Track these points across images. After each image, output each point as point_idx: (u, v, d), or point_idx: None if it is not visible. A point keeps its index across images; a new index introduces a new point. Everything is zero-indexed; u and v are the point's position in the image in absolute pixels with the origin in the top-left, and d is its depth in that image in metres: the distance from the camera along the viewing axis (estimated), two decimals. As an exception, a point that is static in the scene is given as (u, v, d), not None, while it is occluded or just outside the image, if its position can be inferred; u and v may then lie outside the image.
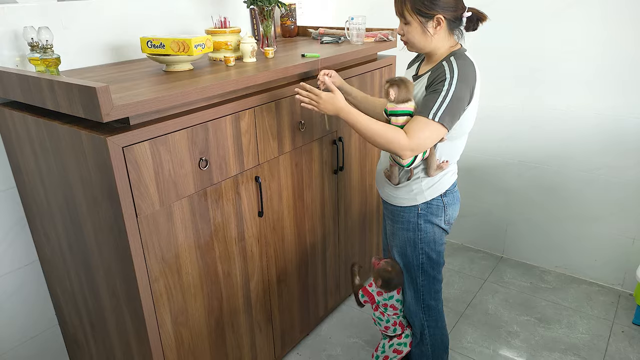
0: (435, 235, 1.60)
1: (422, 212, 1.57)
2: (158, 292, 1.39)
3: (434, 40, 1.42)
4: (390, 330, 1.79)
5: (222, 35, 1.74)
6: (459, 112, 1.38)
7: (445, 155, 1.52)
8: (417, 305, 1.71)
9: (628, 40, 2.09)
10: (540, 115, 2.41)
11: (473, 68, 1.40)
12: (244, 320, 1.74)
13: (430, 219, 1.57)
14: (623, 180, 2.29)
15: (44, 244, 1.66)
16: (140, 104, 1.20)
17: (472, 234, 2.87)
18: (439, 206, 1.56)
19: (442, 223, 1.59)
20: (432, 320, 1.73)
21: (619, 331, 2.19)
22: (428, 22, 1.38)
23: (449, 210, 1.59)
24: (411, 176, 1.53)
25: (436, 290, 1.70)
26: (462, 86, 1.36)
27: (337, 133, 1.98)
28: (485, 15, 1.43)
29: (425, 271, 1.65)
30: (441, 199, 1.56)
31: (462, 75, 1.36)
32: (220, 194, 1.51)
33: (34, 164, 1.47)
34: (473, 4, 1.45)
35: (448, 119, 1.36)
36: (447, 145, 1.50)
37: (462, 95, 1.36)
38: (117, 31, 1.79)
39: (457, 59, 1.39)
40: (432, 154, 1.49)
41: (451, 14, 1.38)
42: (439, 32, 1.40)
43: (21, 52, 1.54)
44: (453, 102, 1.35)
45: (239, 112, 1.50)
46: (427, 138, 1.38)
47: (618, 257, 2.41)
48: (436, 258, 1.64)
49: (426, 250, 1.61)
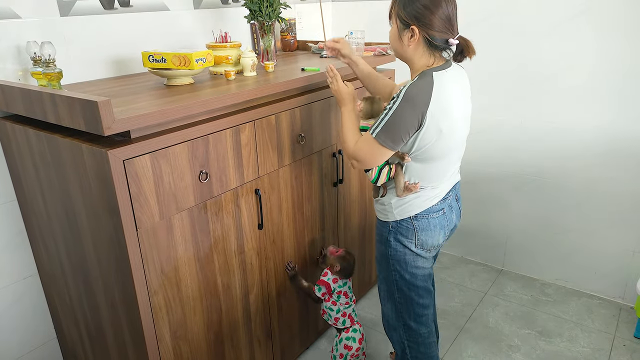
0: (406, 256, 1.55)
1: (392, 230, 1.54)
2: (157, 306, 1.38)
3: (408, 51, 1.40)
4: (340, 321, 1.90)
5: (223, 50, 1.76)
6: (399, 133, 1.34)
7: (415, 177, 1.47)
8: (397, 321, 1.68)
9: (625, 53, 2.11)
10: (540, 129, 2.42)
11: (428, 91, 1.32)
12: (244, 334, 1.73)
13: (399, 239, 1.54)
14: (622, 193, 2.29)
15: (43, 256, 1.66)
16: (141, 118, 1.21)
17: (472, 246, 2.87)
18: (408, 228, 1.52)
19: (413, 246, 1.53)
20: (413, 342, 1.68)
21: (620, 345, 2.18)
22: (404, 30, 1.37)
23: (420, 235, 1.52)
24: (385, 193, 1.54)
25: (418, 314, 1.63)
26: (405, 107, 1.32)
27: (336, 146, 1.99)
28: (472, 51, 1.40)
29: (400, 289, 1.61)
30: (411, 221, 1.51)
31: (407, 97, 1.32)
32: (220, 207, 1.52)
33: (35, 176, 1.48)
34: (472, 19, 1.46)
35: (384, 137, 1.35)
36: (416, 167, 1.45)
37: (402, 116, 1.32)
38: (119, 46, 1.81)
39: (419, 79, 1.35)
40: (397, 173, 1.47)
41: (427, 32, 1.34)
42: (412, 43, 1.37)
43: (24, 66, 1.56)
44: (390, 122, 1.33)
45: (239, 125, 1.51)
46: (367, 152, 1.40)
47: (618, 269, 2.41)
48: (410, 279, 1.57)
49: (397, 268, 1.57)
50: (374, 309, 2.42)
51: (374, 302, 2.48)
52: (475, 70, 2.53)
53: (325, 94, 1.84)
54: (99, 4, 1.72)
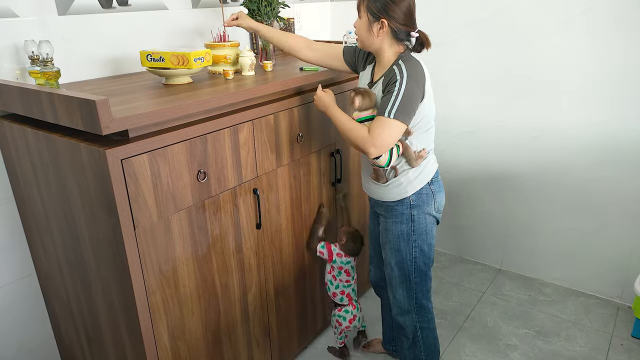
0: (427, 226, 1.67)
1: (414, 203, 1.64)
2: (155, 306, 1.38)
3: (377, 42, 1.54)
4: (338, 297, 2.00)
5: (221, 49, 1.75)
6: (413, 108, 1.49)
7: (421, 145, 1.62)
8: (409, 304, 1.76)
9: (624, 53, 2.12)
10: (538, 128, 2.43)
11: (421, 67, 1.52)
12: (242, 334, 1.73)
13: (423, 209, 1.65)
14: (621, 193, 2.30)
15: (41, 256, 1.65)
16: (139, 117, 1.21)
17: (471, 246, 2.87)
18: (428, 194, 1.65)
19: (433, 211, 1.68)
20: (425, 321, 1.78)
21: (618, 344, 2.18)
22: (374, 22, 1.51)
23: (437, 197, 1.68)
24: (397, 173, 1.62)
25: (427, 289, 1.77)
26: (413, 84, 1.47)
27: (335, 145, 1.99)
28: (429, 43, 1.56)
29: (418, 267, 1.71)
30: (429, 187, 1.65)
31: (411, 74, 1.47)
32: (219, 206, 1.51)
33: (33, 175, 1.47)
34: (472, 19, 1.48)
35: (402, 116, 1.46)
36: (418, 136, 1.60)
37: (413, 93, 1.47)
38: (117, 45, 1.80)
39: (405, 61, 1.51)
40: (405, 147, 1.59)
41: (396, 25, 1.49)
42: (382, 34, 1.52)
43: (21, 65, 1.55)
44: (405, 99, 1.46)
45: (238, 125, 1.51)
46: (388, 134, 1.47)
47: (616, 269, 2.41)
48: (428, 251, 1.70)
49: (419, 242, 1.68)
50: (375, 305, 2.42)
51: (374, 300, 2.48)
52: (475, 70, 2.55)
53: (324, 93, 1.84)
54: (97, 3, 1.72)
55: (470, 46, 2.49)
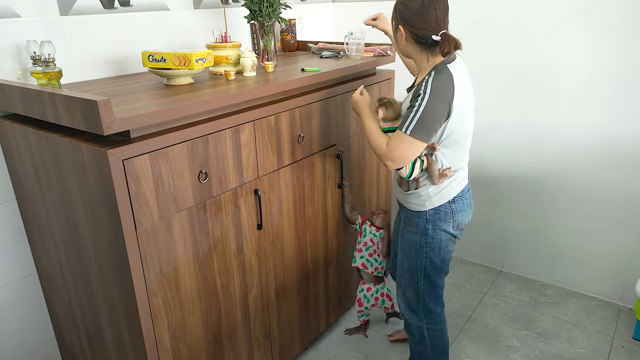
0: (441, 241, 1.66)
1: (431, 218, 1.63)
2: (156, 307, 1.38)
3: (405, 49, 1.54)
4: (362, 271, 2.12)
5: (223, 50, 1.75)
6: (432, 126, 1.45)
7: (446, 163, 1.58)
8: (417, 306, 1.77)
9: (624, 54, 2.12)
10: (539, 129, 2.42)
11: (450, 82, 1.44)
12: (243, 335, 1.73)
13: (439, 225, 1.63)
14: (622, 194, 2.29)
15: (42, 256, 1.65)
16: (141, 117, 1.21)
17: (472, 247, 2.87)
18: (447, 212, 1.63)
19: (451, 228, 1.65)
20: (432, 324, 1.80)
21: (619, 346, 2.18)
22: (396, 29, 1.52)
23: (457, 217, 1.64)
24: (418, 185, 1.60)
25: (437, 296, 1.76)
26: (435, 101, 1.42)
27: (339, 147, 1.98)
28: (457, 45, 1.44)
29: (428, 276, 1.71)
30: (449, 205, 1.62)
31: (434, 91, 1.42)
32: (220, 207, 1.51)
33: (34, 176, 1.47)
34: (472, 19, 1.48)
35: (419, 132, 1.43)
36: (446, 153, 1.56)
37: (435, 111, 1.43)
38: (119, 45, 1.80)
39: (436, 74, 1.46)
40: (430, 163, 1.55)
41: (412, 29, 1.46)
42: (405, 42, 1.51)
43: (23, 65, 1.55)
44: (424, 117, 1.42)
45: (239, 126, 1.51)
46: (404, 150, 1.47)
47: (617, 271, 2.41)
48: (439, 264, 1.69)
49: (430, 255, 1.67)
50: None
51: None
52: (475, 70, 2.53)
53: (325, 94, 1.84)
54: (99, 4, 1.72)
55: (473, 47, 2.48)
